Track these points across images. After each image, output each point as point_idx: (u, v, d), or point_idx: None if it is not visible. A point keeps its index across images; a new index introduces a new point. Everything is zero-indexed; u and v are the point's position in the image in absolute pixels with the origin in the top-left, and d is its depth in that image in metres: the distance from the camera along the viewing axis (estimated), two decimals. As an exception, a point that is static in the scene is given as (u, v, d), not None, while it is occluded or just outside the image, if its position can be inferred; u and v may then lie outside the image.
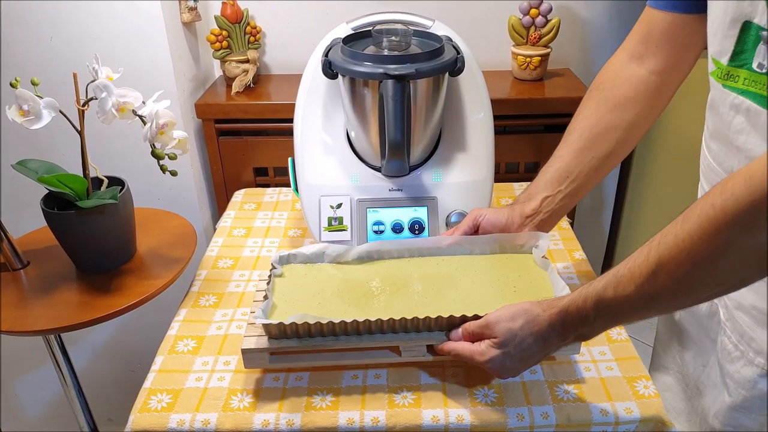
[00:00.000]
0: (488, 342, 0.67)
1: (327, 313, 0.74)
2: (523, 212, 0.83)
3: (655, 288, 0.56)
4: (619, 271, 0.59)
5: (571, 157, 0.81)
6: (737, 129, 0.61)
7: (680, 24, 0.73)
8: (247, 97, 1.29)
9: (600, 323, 0.62)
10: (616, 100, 0.79)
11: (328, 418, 0.70)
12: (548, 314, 0.64)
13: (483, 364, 0.68)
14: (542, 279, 0.80)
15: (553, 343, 0.66)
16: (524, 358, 0.67)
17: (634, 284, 0.57)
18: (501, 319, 0.67)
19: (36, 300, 0.85)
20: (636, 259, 0.57)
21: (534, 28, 1.32)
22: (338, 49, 0.89)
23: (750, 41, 0.57)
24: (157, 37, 1.15)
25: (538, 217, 0.83)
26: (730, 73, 0.60)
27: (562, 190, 0.81)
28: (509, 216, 0.84)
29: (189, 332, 0.84)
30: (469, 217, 0.86)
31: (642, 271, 0.56)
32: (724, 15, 0.59)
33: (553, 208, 0.82)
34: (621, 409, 0.70)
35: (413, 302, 0.77)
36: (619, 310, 0.60)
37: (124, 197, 0.88)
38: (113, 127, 0.90)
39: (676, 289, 0.55)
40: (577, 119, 0.82)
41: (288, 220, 1.11)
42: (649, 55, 0.77)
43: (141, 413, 0.72)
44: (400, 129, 0.82)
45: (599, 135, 0.80)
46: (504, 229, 0.84)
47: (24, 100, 0.78)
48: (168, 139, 0.84)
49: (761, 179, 0.47)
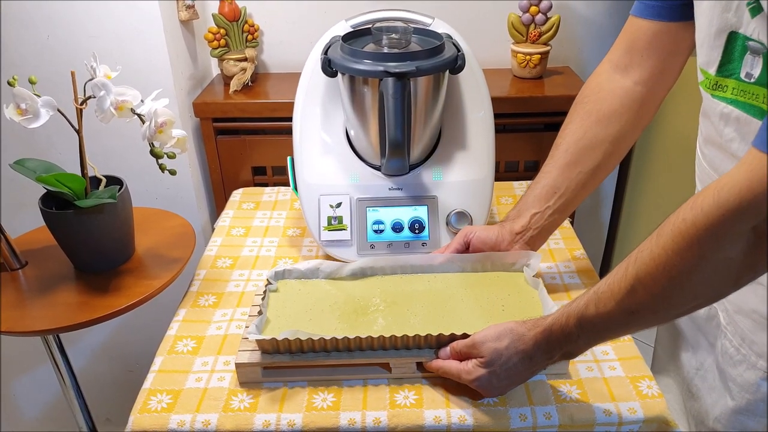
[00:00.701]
0: (475, 361, 0.68)
1: (319, 329, 0.76)
2: (513, 229, 0.84)
3: (634, 303, 0.57)
4: (600, 289, 0.60)
5: (558, 172, 0.81)
6: (729, 137, 0.61)
7: (665, 32, 0.72)
8: (245, 95, 1.29)
9: (583, 341, 0.63)
10: (600, 114, 0.79)
11: (330, 418, 0.70)
12: (533, 333, 0.65)
13: (470, 382, 0.69)
14: (532, 298, 0.81)
15: (538, 362, 0.67)
16: (510, 376, 0.68)
17: (614, 300, 0.57)
18: (487, 338, 0.68)
19: (34, 300, 0.85)
20: (615, 275, 0.58)
21: (534, 26, 1.32)
22: (338, 47, 0.88)
23: (737, 51, 0.57)
24: (155, 35, 1.15)
25: (528, 234, 0.84)
26: (718, 83, 0.60)
27: (551, 206, 0.82)
28: (499, 233, 0.84)
29: (188, 332, 0.84)
30: (459, 235, 0.86)
31: (621, 287, 0.57)
32: (710, 26, 0.59)
33: (543, 224, 0.83)
34: (624, 409, 0.70)
35: (404, 319, 0.78)
36: (601, 327, 0.61)
37: (123, 197, 0.87)
38: (112, 127, 0.89)
39: (654, 304, 0.56)
40: (563, 134, 0.82)
41: (287, 220, 1.11)
42: (634, 66, 0.77)
43: (141, 414, 0.71)
44: (400, 127, 0.81)
45: (585, 149, 0.80)
46: (494, 246, 0.84)
47: (22, 98, 0.78)
48: (167, 137, 0.83)
49: (728, 193, 0.48)
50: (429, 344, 0.74)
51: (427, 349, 0.74)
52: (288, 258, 1.00)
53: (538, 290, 0.81)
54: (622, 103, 0.78)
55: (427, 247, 0.93)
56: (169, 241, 0.97)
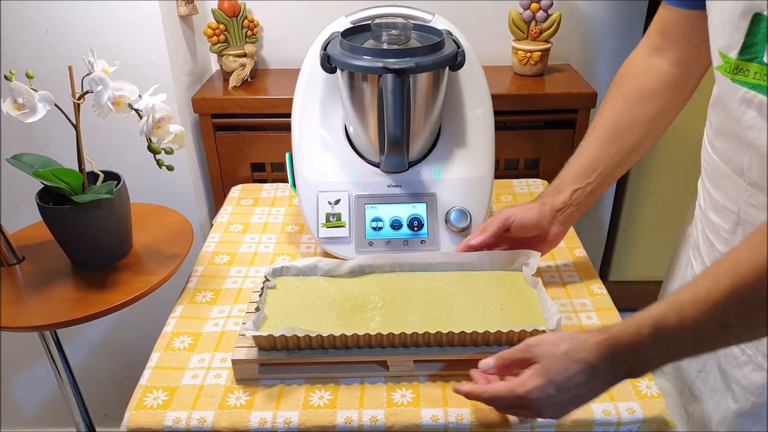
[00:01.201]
0: (529, 371, 0.59)
1: (317, 326, 0.75)
2: (554, 206, 0.83)
3: (726, 315, 0.50)
4: (681, 297, 0.53)
5: (598, 150, 0.81)
6: (748, 124, 0.59)
7: (695, 19, 0.71)
8: (244, 91, 1.28)
9: (657, 354, 0.55)
10: (638, 94, 0.79)
11: (326, 416, 0.69)
12: (596, 340, 0.57)
13: (524, 396, 0.59)
14: (531, 297, 0.80)
15: (601, 376, 0.57)
16: (570, 389, 0.57)
17: (700, 310, 0.51)
18: (542, 341, 0.60)
19: (31, 296, 0.85)
20: (701, 283, 0.52)
21: (535, 23, 1.31)
22: (337, 43, 0.88)
23: (761, 34, 0.56)
24: (154, 30, 1.14)
25: (568, 211, 0.83)
26: (739, 66, 0.59)
27: (591, 182, 0.81)
28: (540, 212, 0.82)
29: (185, 329, 0.83)
30: (497, 218, 0.84)
31: (711, 296, 0.50)
32: (734, 8, 0.58)
33: (583, 200, 0.82)
34: (623, 410, 0.69)
35: (402, 317, 0.77)
36: (682, 339, 0.53)
37: (120, 192, 0.87)
38: (110, 123, 0.89)
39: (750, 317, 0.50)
40: (601, 113, 0.82)
41: (285, 216, 1.10)
42: (668, 49, 0.77)
43: (137, 411, 0.71)
44: (399, 124, 0.81)
45: (624, 128, 0.80)
46: (536, 227, 0.83)
47: (19, 93, 0.77)
48: (164, 133, 0.82)
49: None
50: (427, 342, 0.73)
51: (424, 347, 0.74)
52: (286, 255, 1.00)
53: (537, 289, 0.81)
54: (660, 83, 0.78)
55: (425, 245, 0.93)
56: (167, 237, 0.96)
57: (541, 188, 1.17)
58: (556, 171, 0.86)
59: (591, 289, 0.89)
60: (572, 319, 0.83)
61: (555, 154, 1.32)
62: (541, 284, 0.80)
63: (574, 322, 0.83)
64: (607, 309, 0.85)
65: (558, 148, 1.32)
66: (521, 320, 0.76)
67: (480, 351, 0.73)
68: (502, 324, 0.74)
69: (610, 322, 0.82)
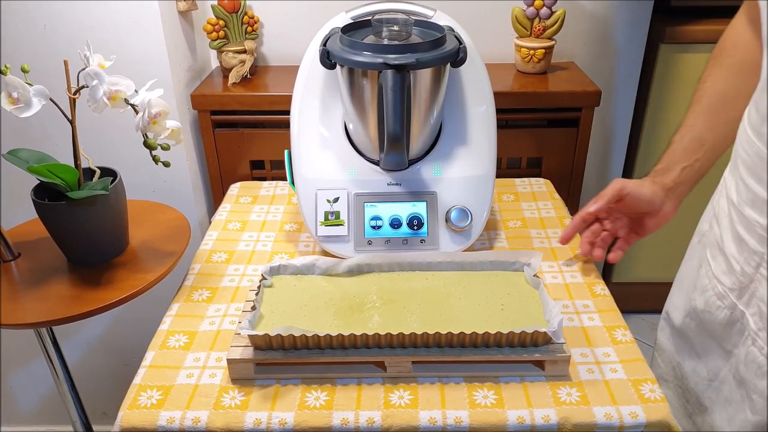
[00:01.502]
0: None
1: (313, 326, 0.74)
2: (665, 184, 0.81)
3: None
4: None
5: (704, 125, 0.79)
6: None
7: None
8: (243, 88, 1.27)
9: None
10: (741, 65, 0.76)
11: (322, 417, 0.68)
12: None
13: None
14: (532, 298, 0.79)
15: None
16: None
17: None
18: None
19: (27, 293, 0.84)
20: None
21: (538, 20, 1.30)
22: (337, 39, 0.86)
23: None
24: (153, 26, 1.13)
25: (680, 189, 0.81)
26: None
27: (700, 159, 0.79)
28: (652, 190, 0.81)
29: (181, 327, 0.82)
30: (612, 188, 0.84)
31: None
32: None
33: (692, 177, 0.81)
34: (626, 413, 0.68)
35: (401, 317, 0.76)
36: None
37: (116, 188, 0.86)
38: (107, 118, 0.88)
39: None
40: (703, 87, 0.80)
41: (284, 214, 1.09)
42: None
43: (130, 410, 0.70)
44: (399, 121, 0.79)
45: (729, 101, 0.77)
46: (648, 203, 0.82)
47: (14, 87, 0.76)
48: (161, 128, 0.81)
49: None
50: (425, 343, 0.72)
51: (422, 348, 0.73)
52: (284, 253, 0.99)
53: (538, 290, 0.80)
54: (760, 57, 0.76)
55: (425, 244, 0.92)
56: (164, 234, 0.95)
57: (544, 188, 1.16)
58: (559, 170, 0.85)
59: (594, 290, 0.88)
60: (574, 321, 0.82)
61: (558, 153, 1.30)
62: (543, 285, 0.79)
63: (576, 323, 0.82)
64: (609, 310, 0.84)
65: (561, 147, 1.30)
66: (522, 321, 0.75)
67: (480, 352, 0.72)
68: (502, 325, 0.73)
69: (613, 325, 0.81)
